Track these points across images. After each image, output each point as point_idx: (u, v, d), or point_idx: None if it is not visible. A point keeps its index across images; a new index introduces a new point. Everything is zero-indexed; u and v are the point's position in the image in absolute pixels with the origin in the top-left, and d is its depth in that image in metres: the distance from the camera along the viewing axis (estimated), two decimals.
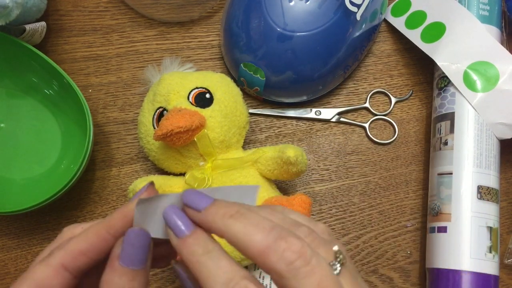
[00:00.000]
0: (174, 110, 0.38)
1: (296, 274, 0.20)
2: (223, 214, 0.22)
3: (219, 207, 0.22)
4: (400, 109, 0.51)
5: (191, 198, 0.23)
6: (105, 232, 0.24)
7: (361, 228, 0.48)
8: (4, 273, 0.46)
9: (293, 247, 0.21)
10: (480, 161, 0.43)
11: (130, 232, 0.23)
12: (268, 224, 0.22)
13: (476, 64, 0.44)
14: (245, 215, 0.22)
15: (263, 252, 0.21)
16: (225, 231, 0.22)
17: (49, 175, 0.46)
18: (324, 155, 0.50)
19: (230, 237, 0.22)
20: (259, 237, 0.21)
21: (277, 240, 0.21)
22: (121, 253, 0.23)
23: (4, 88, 0.48)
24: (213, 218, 0.22)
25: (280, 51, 0.44)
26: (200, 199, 0.23)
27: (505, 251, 0.47)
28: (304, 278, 0.20)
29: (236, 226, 0.22)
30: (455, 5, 0.46)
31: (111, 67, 0.50)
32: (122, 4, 0.52)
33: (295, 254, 0.20)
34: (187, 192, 0.23)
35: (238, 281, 0.20)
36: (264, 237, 0.21)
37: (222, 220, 0.22)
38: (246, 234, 0.21)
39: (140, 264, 0.23)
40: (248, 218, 0.22)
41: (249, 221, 0.22)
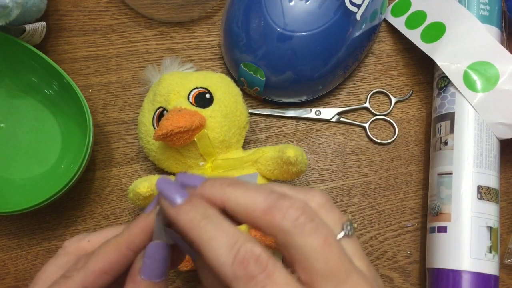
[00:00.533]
0: (174, 110, 0.38)
1: (302, 230, 0.20)
2: (220, 183, 0.22)
3: (215, 179, 0.22)
4: (400, 109, 0.51)
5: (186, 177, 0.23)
6: (126, 248, 0.23)
7: (361, 228, 0.48)
8: (4, 273, 0.46)
9: (296, 204, 0.21)
10: (480, 161, 0.43)
11: (152, 247, 0.23)
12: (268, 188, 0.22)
13: (476, 64, 0.44)
14: (242, 183, 0.22)
15: (266, 212, 0.20)
16: (226, 199, 0.21)
17: (49, 175, 0.46)
18: (324, 155, 0.50)
19: (231, 203, 0.21)
20: (261, 198, 0.21)
21: (279, 199, 0.21)
22: (142, 267, 0.23)
23: (4, 88, 0.48)
24: (211, 188, 0.22)
25: (280, 51, 0.44)
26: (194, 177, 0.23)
27: (505, 251, 0.47)
28: (310, 234, 0.20)
29: (236, 192, 0.21)
30: (455, 5, 0.46)
31: (111, 67, 0.50)
32: (122, 4, 0.52)
33: (299, 211, 0.20)
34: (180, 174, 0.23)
35: (242, 243, 0.20)
36: (265, 198, 0.21)
37: (221, 189, 0.22)
38: (248, 197, 0.21)
39: (161, 276, 0.23)
40: (246, 185, 0.22)
41: (248, 187, 0.22)
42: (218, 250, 0.20)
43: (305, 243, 0.20)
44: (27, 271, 0.46)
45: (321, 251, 0.20)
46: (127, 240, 0.23)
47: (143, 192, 0.39)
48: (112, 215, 0.47)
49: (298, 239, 0.20)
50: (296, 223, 0.20)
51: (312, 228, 0.20)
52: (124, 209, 0.47)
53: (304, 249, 0.20)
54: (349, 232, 0.22)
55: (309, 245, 0.20)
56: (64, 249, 0.26)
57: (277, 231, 0.20)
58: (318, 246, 0.20)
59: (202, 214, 0.21)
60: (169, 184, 0.22)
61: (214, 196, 0.22)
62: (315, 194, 0.23)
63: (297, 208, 0.20)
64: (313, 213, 0.21)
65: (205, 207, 0.21)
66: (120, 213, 0.47)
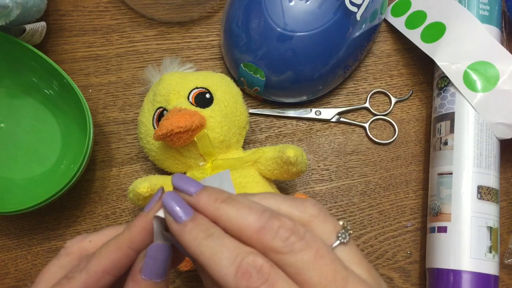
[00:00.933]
0: (174, 110, 0.38)
1: (292, 249, 0.20)
2: (215, 199, 0.22)
3: (210, 192, 0.23)
4: (400, 109, 0.51)
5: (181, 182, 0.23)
6: (127, 247, 0.23)
7: (361, 228, 0.48)
8: (4, 273, 0.46)
9: (286, 225, 0.21)
10: (480, 161, 0.43)
11: (153, 247, 0.23)
12: (260, 207, 0.22)
13: (476, 64, 0.44)
14: (236, 200, 0.22)
15: (258, 232, 0.21)
16: (219, 215, 0.22)
17: (49, 175, 0.46)
18: (324, 155, 0.50)
19: (224, 221, 0.22)
20: (253, 218, 0.21)
21: (271, 219, 0.21)
22: (143, 267, 0.23)
23: (4, 88, 0.48)
24: (205, 202, 0.22)
25: (280, 51, 0.44)
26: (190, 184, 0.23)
27: (505, 251, 0.47)
28: (301, 251, 0.20)
29: (229, 210, 0.22)
30: (455, 5, 0.46)
31: (111, 67, 0.50)
32: (122, 4, 0.52)
33: (289, 231, 0.21)
34: (177, 176, 0.23)
35: (245, 256, 0.20)
36: (257, 218, 0.21)
37: (215, 205, 0.22)
38: (240, 217, 0.21)
39: (162, 276, 0.23)
40: (240, 202, 0.22)
41: (242, 205, 0.22)
42: (220, 264, 0.20)
43: (296, 259, 0.20)
44: (27, 271, 0.46)
45: (314, 264, 0.20)
46: (129, 239, 0.23)
47: (143, 192, 0.39)
48: (112, 215, 0.47)
49: (289, 257, 0.20)
50: (287, 243, 0.21)
51: (302, 245, 0.21)
52: (124, 209, 0.47)
53: (296, 265, 0.20)
54: (344, 239, 0.22)
55: (300, 261, 0.20)
56: (66, 250, 0.26)
57: (268, 251, 0.21)
58: (310, 260, 0.20)
59: (205, 232, 0.22)
60: (176, 199, 0.23)
61: (208, 211, 0.22)
62: (308, 205, 0.23)
63: (287, 229, 0.21)
64: (303, 230, 0.21)
65: (208, 225, 0.22)
66: (120, 213, 0.47)
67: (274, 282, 0.20)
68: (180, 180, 0.23)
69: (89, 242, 0.26)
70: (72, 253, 0.25)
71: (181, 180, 0.23)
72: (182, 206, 0.22)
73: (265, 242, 0.21)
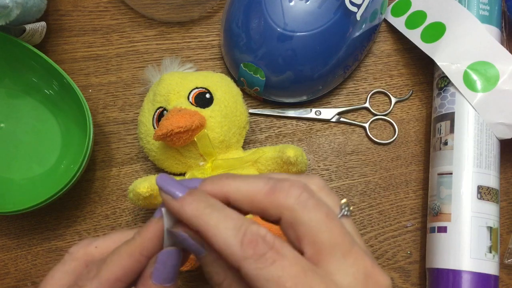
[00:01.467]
0: (174, 110, 0.38)
1: (306, 205, 0.21)
2: (219, 178, 0.23)
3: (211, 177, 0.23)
4: (400, 109, 0.51)
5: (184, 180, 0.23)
6: (139, 254, 0.23)
7: (361, 228, 0.48)
8: (4, 273, 0.46)
9: (296, 183, 0.22)
10: (480, 161, 0.43)
11: (164, 253, 0.23)
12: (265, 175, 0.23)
13: (476, 64, 0.44)
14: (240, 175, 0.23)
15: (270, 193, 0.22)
16: (227, 190, 0.22)
17: (49, 175, 0.46)
18: (324, 155, 0.50)
19: (234, 192, 0.22)
20: (262, 183, 0.22)
21: (280, 181, 0.22)
22: (154, 272, 0.23)
23: (4, 88, 0.48)
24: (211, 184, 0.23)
25: (280, 51, 0.44)
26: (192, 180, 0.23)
27: (505, 251, 0.47)
28: (313, 208, 0.21)
29: (236, 182, 0.22)
30: (455, 5, 0.46)
31: (111, 67, 0.50)
32: (122, 4, 0.52)
33: (300, 189, 0.21)
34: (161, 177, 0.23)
35: (248, 226, 0.21)
36: (266, 182, 0.22)
37: (221, 182, 0.23)
38: (249, 184, 0.22)
39: (171, 280, 0.23)
40: (245, 175, 0.23)
41: (247, 176, 0.23)
42: (226, 233, 0.21)
43: (310, 217, 0.21)
44: (27, 271, 0.46)
45: (325, 224, 0.21)
46: (140, 246, 0.23)
47: (143, 192, 0.39)
48: (112, 215, 0.47)
49: (303, 214, 0.21)
50: (300, 200, 0.21)
51: (315, 203, 0.21)
52: (124, 209, 0.47)
53: (310, 223, 0.21)
54: (346, 212, 0.23)
55: (314, 219, 0.21)
56: (71, 255, 0.25)
57: (282, 209, 0.21)
58: (322, 219, 0.21)
59: (205, 203, 0.22)
60: (169, 179, 0.23)
61: (216, 190, 0.23)
62: (313, 177, 0.24)
63: (298, 187, 0.22)
64: (312, 191, 0.22)
65: (207, 196, 0.22)
66: (120, 213, 0.47)
67: (279, 249, 0.20)
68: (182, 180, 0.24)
69: (95, 248, 0.25)
70: (77, 259, 0.25)
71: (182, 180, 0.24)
72: (177, 184, 0.23)
73: (279, 201, 0.21)
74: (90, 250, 0.25)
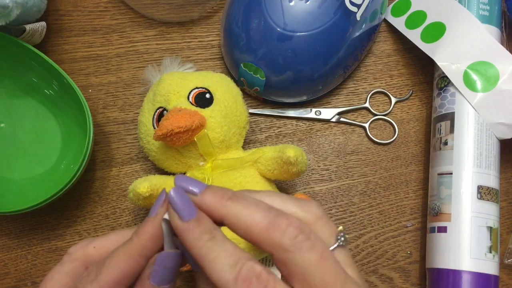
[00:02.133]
0: (174, 110, 0.38)
1: (300, 247, 0.21)
2: (221, 197, 0.22)
3: (215, 191, 0.23)
4: (400, 109, 0.51)
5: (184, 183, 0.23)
6: (138, 255, 0.23)
7: (361, 228, 0.48)
8: (4, 273, 0.46)
9: (294, 222, 0.22)
10: (480, 161, 0.43)
11: (162, 256, 0.23)
12: (266, 204, 0.22)
13: (476, 64, 0.44)
14: (242, 197, 0.22)
15: (266, 229, 0.21)
16: (226, 213, 0.22)
17: (49, 175, 0.46)
18: (324, 155, 0.50)
19: (231, 219, 0.22)
20: (261, 215, 0.22)
21: (278, 217, 0.22)
22: (152, 274, 0.23)
23: (4, 88, 0.48)
24: (211, 201, 0.22)
25: (280, 51, 0.44)
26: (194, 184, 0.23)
27: (505, 251, 0.47)
28: (307, 250, 0.21)
29: (236, 207, 0.22)
30: (455, 5, 0.46)
31: (111, 67, 0.50)
32: (122, 4, 0.52)
33: (297, 229, 0.21)
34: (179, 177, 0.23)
35: (244, 262, 0.21)
36: (265, 215, 0.22)
37: (221, 203, 0.22)
38: (248, 214, 0.22)
39: (170, 282, 0.23)
40: (246, 200, 0.22)
41: (248, 203, 0.22)
42: (222, 269, 0.21)
43: (303, 259, 0.21)
44: (27, 271, 0.46)
45: (318, 265, 0.21)
46: (139, 246, 0.23)
47: (143, 192, 0.39)
48: (112, 215, 0.47)
49: (296, 255, 0.21)
50: (295, 241, 0.21)
51: (309, 245, 0.21)
52: (124, 209, 0.47)
53: (303, 265, 0.21)
54: (342, 242, 0.23)
55: (307, 261, 0.21)
56: (69, 256, 0.25)
57: (276, 248, 0.21)
58: (316, 260, 0.21)
59: (209, 233, 0.22)
60: (182, 195, 0.23)
61: (214, 208, 0.22)
62: (312, 206, 0.24)
63: (295, 227, 0.21)
64: (309, 230, 0.22)
65: (211, 226, 0.22)
66: (120, 213, 0.47)
67: None
68: (184, 180, 0.23)
69: (93, 248, 0.25)
70: (76, 259, 0.25)
71: (184, 181, 0.23)
72: (187, 204, 0.22)
73: (274, 239, 0.21)
74: (88, 251, 0.25)
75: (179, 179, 0.23)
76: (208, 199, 0.23)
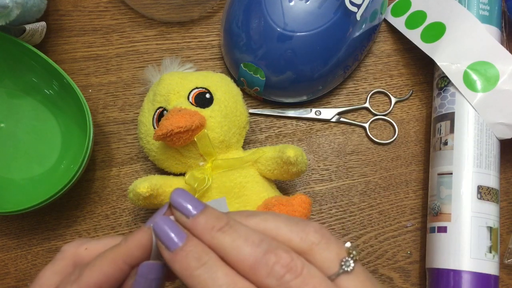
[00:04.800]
0: (174, 110, 0.38)
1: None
2: (212, 227, 0.21)
3: (208, 217, 0.22)
4: (400, 109, 0.51)
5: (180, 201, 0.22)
6: (122, 262, 0.22)
7: (361, 228, 0.48)
8: (4, 273, 0.46)
9: (282, 260, 0.20)
10: (480, 161, 0.43)
11: (144, 266, 0.22)
12: (258, 237, 0.21)
13: (476, 64, 0.44)
14: (234, 228, 0.21)
15: (252, 267, 0.20)
16: (214, 245, 0.21)
17: (49, 175, 0.46)
18: (324, 155, 0.50)
19: (219, 252, 0.21)
20: (248, 251, 0.20)
21: (267, 253, 0.20)
22: (133, 284, 0.22)
23: (4, 88, 0.48)
24: (202, 229, 0.22)
25: (280, 51, 0.44)
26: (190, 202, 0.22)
27: (505, 251, 0.47)
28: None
29: (225, 241, 0.21)
30: (455, 5, 0.46)
31: (111, 67, 0.50)
32: (122, 4, 0.52)
33: (285, 268, 0.20)
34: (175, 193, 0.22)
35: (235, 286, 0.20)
36: (253, 250, 0.20)
37: (211, 233, 0.21)
38: (235, 249, 0.21)
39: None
40: (237, 231, 0.21)
41: (238, 234, 0.21)
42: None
43: None
44: (27, 271, 0.46)
45: None
46: (125, 253, 0.22)
47: (143, 192, 0.39)
48: (112, 215, 0.47)
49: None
50: (281, 281, 0.20)
51: (298, 283, 0.20)
52: (124, 209, 0.47)
53: None
54: (347, 268, 0.21)
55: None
56: (61, 253, 0.25)
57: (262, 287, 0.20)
58: None
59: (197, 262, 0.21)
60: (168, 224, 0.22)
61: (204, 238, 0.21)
62: (310, 231, 0.22)
63: (282, 265, 0.20)
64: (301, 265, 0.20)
65: (201, 252, 0.21)
66: (120, 213, 0.47)
67: None
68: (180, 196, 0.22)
69: (85, 249, 0.25)
70: (67, 258, 0.25)
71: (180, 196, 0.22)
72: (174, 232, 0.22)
73: (259, 278, 0.20)
74: (79, 252, 0.25)
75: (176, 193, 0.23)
76: (199, 226, 0.22)
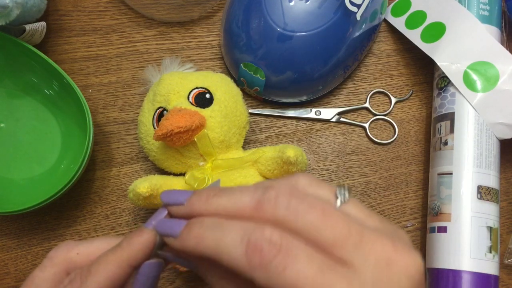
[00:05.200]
0: (174, 110, 0.38)
1: (297, 212, 0.19)
2: (206, 197, 0.21)
3: (199, 193, 0.22)
4: (400, 109, 0.51)
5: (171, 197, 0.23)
6: (128, 265, 0.23)
7: None
8: (4, 273, 0.46)
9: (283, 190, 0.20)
10: (480, 161, 0.43)
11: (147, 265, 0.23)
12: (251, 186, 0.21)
13: (476, 64, 0.44)
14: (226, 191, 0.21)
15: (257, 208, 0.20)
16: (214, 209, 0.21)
17: (49, 175, 0.46)
18: (324, 155, 0.50)
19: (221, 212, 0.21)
20: (247, 197, 0.20)
21: (265, 192, 0.20)
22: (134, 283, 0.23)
23: (4, 88, 0.48)
24: (198, 204, 0.22)
25: (280, 51, 0.44)
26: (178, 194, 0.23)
27: (505, 251, 0.47)
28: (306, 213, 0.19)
29: (221, 200, 0.21)
30: (455, 5, 0.46)
31: (111, 67, 0.50)
32: (122, 4, 0.52)
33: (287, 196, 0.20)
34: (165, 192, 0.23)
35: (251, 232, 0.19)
36: (251, 196, 0.20)
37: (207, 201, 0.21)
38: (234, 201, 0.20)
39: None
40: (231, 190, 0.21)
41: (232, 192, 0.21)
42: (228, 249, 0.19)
43: (304, 223, 0.19)
44: (27, 271, 0.46)
45: (324, 222, 0.19)
46: (129, 256, 0.23)
47: (143, 192, 0.39)
48: (112, 215, 0.47)
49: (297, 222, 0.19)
50: (290, 208, 0.19)
51: (306, 207, 0.19)
52: (124, 209, 0.47)
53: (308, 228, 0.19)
54: (344, 198, 0.21)
55: (310, 223, 0.19)
56: (50, 260, 0.24)
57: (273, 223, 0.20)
58: (319, 219, 0.19)
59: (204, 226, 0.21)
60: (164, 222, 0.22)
61: (203, 210, 0.21)
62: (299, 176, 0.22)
63: (284, 195, 0.20)
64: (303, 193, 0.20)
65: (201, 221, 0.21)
66: (120, 213, 0.47)
67: (288, 250, 0.18)
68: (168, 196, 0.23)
69: (76, 254, 0.24)
70: (57, 265, 0.24)
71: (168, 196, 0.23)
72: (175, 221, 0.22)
73: (268, 214, 0.19)
74: (71, 256, 0.24)
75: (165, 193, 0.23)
76: (195, 204, 0.22)
